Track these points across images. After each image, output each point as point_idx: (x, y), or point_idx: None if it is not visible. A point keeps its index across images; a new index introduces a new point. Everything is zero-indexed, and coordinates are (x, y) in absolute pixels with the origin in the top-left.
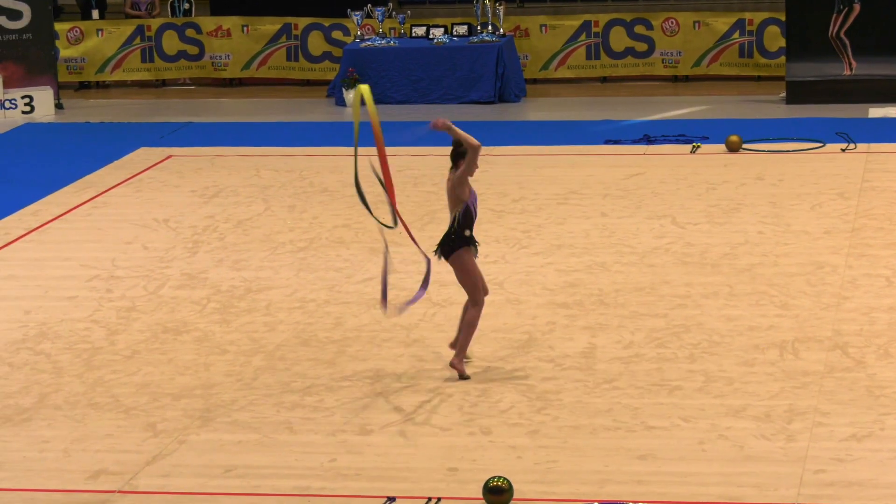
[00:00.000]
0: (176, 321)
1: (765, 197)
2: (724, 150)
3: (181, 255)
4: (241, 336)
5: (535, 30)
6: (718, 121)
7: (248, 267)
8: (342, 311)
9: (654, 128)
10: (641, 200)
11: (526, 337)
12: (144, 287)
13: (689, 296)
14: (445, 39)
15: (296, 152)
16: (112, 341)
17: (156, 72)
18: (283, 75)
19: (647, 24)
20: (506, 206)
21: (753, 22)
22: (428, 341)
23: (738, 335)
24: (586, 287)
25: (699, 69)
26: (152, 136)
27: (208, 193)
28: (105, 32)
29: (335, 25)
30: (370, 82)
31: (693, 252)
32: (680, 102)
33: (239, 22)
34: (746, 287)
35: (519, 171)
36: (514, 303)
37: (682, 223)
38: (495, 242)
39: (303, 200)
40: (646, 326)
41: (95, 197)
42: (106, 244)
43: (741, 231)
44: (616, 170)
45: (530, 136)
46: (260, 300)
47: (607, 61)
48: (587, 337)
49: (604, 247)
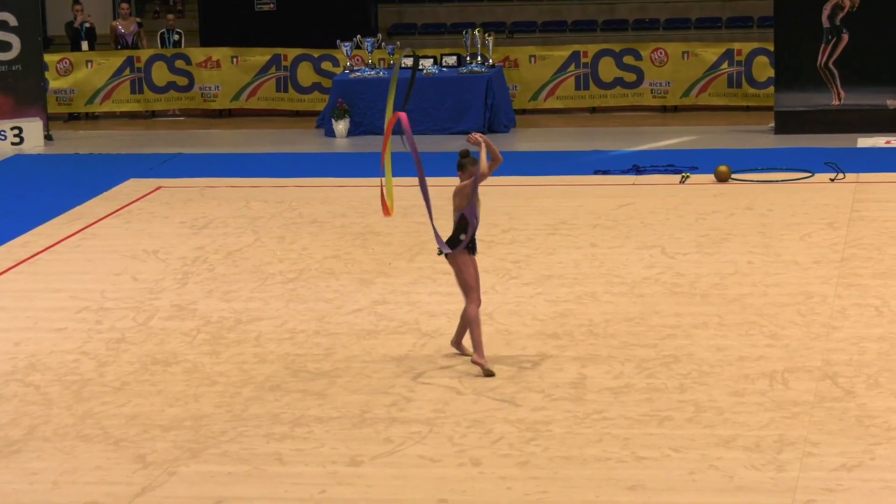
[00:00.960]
0: (165, 352)
1: (754, 227)
2: (713, 181)
3: (171, 286)
4: (231, 367)
5: (525, 60)
6: (707, 151)
7: (237, 298)
8: (332, 341)
9: (644, 158)
10: (631, 231)
11: (516, 368)
12: (134, 318)
13: (678, 326)
14: (435, 70)
15: (285, 183)
16: (101, 373)
17: (145, 103)
18: (273, 106)
19: (636, 55)
20: (496, 236)
21: (742, 52)
22: (418, 372)
23: (728, 365)
24: (576, 317)
25: (688, 99)
26: (142, 168)
27: (198, 224)
28: (94, 64)
29: (324, 56)
30: (360, 113)
31: (683, 282)
32: (669, 133)
33: (228, 53)
34: (736, 317)
35: (508, 201)
36: (504, 333)
37: (672, 253)
38: (485, 273)
39: (292, 231)
40: (636, 357)
41: (85, 228)
42: (95, 275)
43: (731, 261)
44: (606, 200)
45: (520, 167)
46: (250, 331)
47: (596, 92)
48: (577, 367)
49: (593, 277)
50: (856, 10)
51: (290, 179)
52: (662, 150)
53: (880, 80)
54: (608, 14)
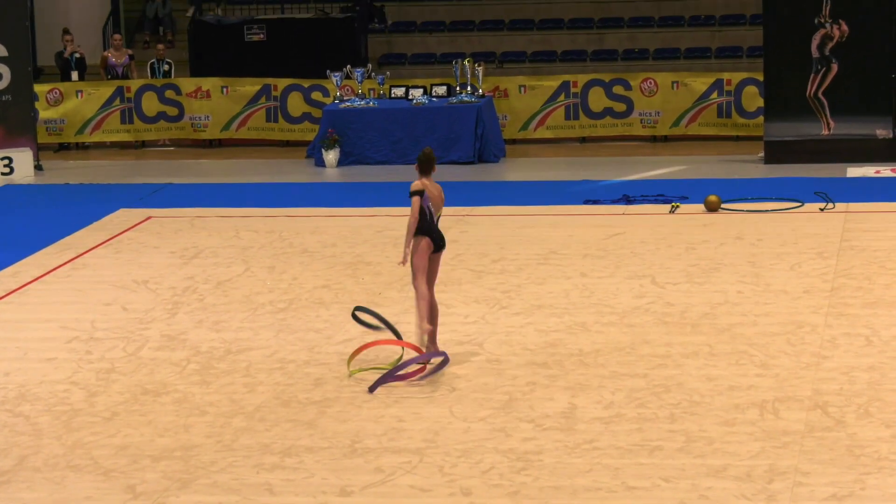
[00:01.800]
0: (155, 382)
1: (744, 256)
2: (703, 210)
3: (161, 316)
4: (221, 397)
5: (514, 90)
6: (697, 181)
7: (227, 328)
8: (322, 371)
9: (634, 188)
10: (621, 260)
11: (506, 397)
12: (124, 348)
13: (669, 355)
14: (425, 100)
15: (276, 213)
16: (91, 403)
17: (135, 133)
18: (263, 136)
19: (626, 85)
20: (486, 266)
21: (731, 82)
22: (408, 402)
23: (719, 395)
24: (566, 347)
25: (678, 129)
26: (132, 198)
27: (188, 254)
28: (85, 94)
29: (315, 86)
30: (350, 143)
31: (673, 312)
32: (659, 162)
33: (218, 83)
34: (726, 347)
35: (499, 231)
36: (495, 363)
37: (662, 283)
38: (475, 303)
39: (283, 261)
40: (626, 386)
41: (75, 258)
42: (85, 305)
43: (721, 291)
44: (596, 230)
45: (510, 197)
46: (240, 361)
47: (586, 121)
48: (567, 397)
49: (584, 307)
50: (845, 40)
51: (281, 209)
52: (652, 179)
53: (869, 110)
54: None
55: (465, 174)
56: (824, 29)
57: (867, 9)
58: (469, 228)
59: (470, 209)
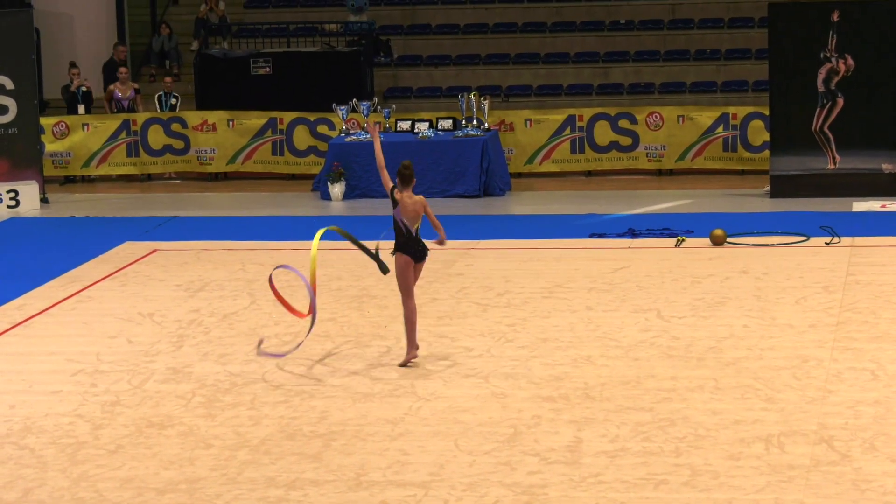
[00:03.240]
0: (160, 415)
1: (750, 291)
2: (708, 244)
3: (166, 349)
4: (226, 430)
5: (520, 124)
6: (703, 214)
7: (233, 361)
8: (327, 404)
9: (639, 221)
10: (626, 294)
11: (511, 430)
12: (129, 381)
13: (674, 389)
14: (430, 134)
15: (281, 246)
16: (96, 436)
17: (141, 166)
18: (269, 169)
19: (632, 119)
20: (491, 299)
21: (737, 116)
22: (414, 435)
23: (724, 429)
24: (572, 380)
25: (683, 163)
26: (137, 231)
27: (193, 287)
28: (91, 127)
29: (320, 120)
30: (355, 176)
31: (678, 345)
32: (664, 196)
33: (224, 116)
34: (732, 380)
35: (504, 264)
36: (500, 396)
37: (668, 317)
38: (480, 336)
39: (288, 295)
40: (631, 420)
41: (80, 291)
42: (91, 338)
43: (726, 325)
44: (601, 263)
45: (515, 230)
46: (245, 394)
47: (592, 155)
48: (573, 431)
49: (589, 340)
50: (850, 74)
51: (286, 242)
52: (658, 213)
53: (875, 145)
54: (603, 78)
55: (471, 208)
56: (830, 63)
57: (873, 43)
58: (474, 262)
59: (475, 243)
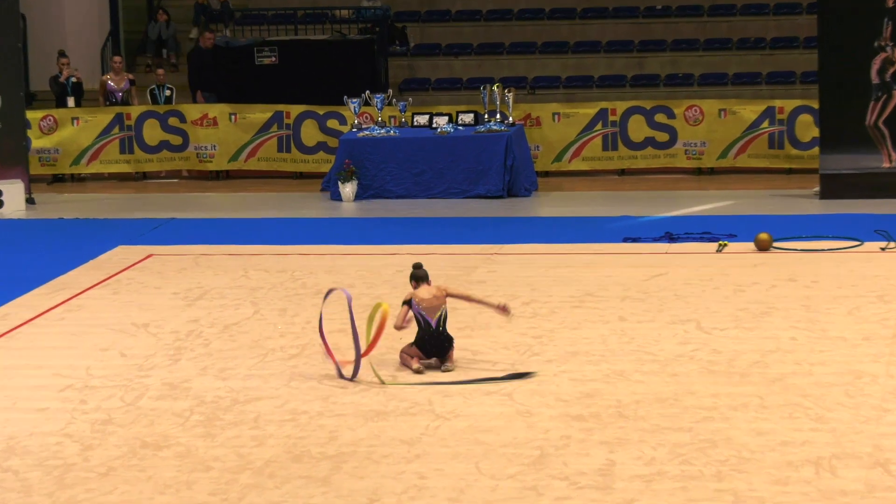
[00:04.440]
0: (156, 435)
1: (798, 300)
2: (752, 249)
3: (162, 362)
4: (227, 451)
5: (548, 118)
6: (746, 217)
7: (234, 376)
8: (337, 423)
9: (677, 224)
10: (663, 304)
11: (538, 452)
12: (122, 398)
13: (715, 408)
14: (450, 129)
15: (288, 251)
16: (86, 457)
17: (136, 164)
18: (274, 167)
19: (669, 113)
20: (515, 309)
21: (784, 110)
22: (431, 457)
23: (770, 451)
24: (604, 398)
25: (725, 161)
26: (131, 234)
27: (192, 296)
28: (81, 121)
29: (330, 114)
30: (368, 175)
31: (720, 360)
32: (705, 197)
33: (226, 110)
34: (778, 398)
35: (529, 271)
36: (525, 415)
37: (708, 328)
38: (504, 349)
39: (295, 303)
40: (669, 441)
41: (69, 299)
42: (80, 351)
43: (772, 337)
44: (635, 270)
45: (542, 234)
46: (248, 412)
47: (625, 152)
48: (605, 452)
49: (622, 354)
50: None
51: (293, 247)
52: (697, 215)
53: None
54: (637, 69)
55: (494, 209)
56: (885, 53)
57: None
58: (498, 268)
59: (498, 247)
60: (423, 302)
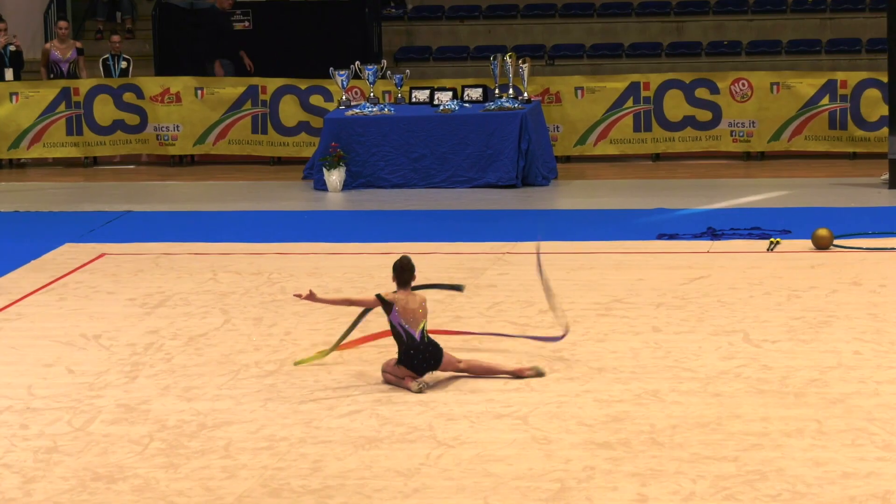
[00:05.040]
0: (109, 465)
1: (863, 307)
2: (810, 248)
3: (116, 380)
4: (193, 484)
5: (569, 94)
6: (803, 210)
7: (201, 396)
8: (322, 452)
9: (721, 219)
10: (704, 312)
11: (557, 486)
12: (69, 422)
13: (766, 433)
14: (454, 106)
15: (264, 250)
16: (27, 491)
17: (85, 147)
18: (248, 151)
19: (712, 87)
20: (531, 317)
21: (847, 84)
22: (433, 491)
23: (830, 484)
24: (634, 422)
25: (778, 144)
26: (80, 230)
27: (151, 302)
28: (21, 97)
29: (314, 88)
30: (358, 161)
31: (771, 378)
32: (753, 186)
33: (191, 84)
34: (839, 422)
35: (548, 273)
36: (542, 442)
37: (757, 341)
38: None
39: (272, 311)
40: (711, 472)
41: (7, 306)
42: (20, 367)
43: (833, 351)
44: (672, 272)
45: (562, 230)
46: (217, 439)
47: (661, 134)
48: (636, 486)
49: (656, 370)
50: None
51: (270, 245)
52: (745, 208)
53: None
54: (675, 35)
55: (506, 200)
56: None
57: None
58: (510, 270)
59: (511, 245)
60: (408, 313)
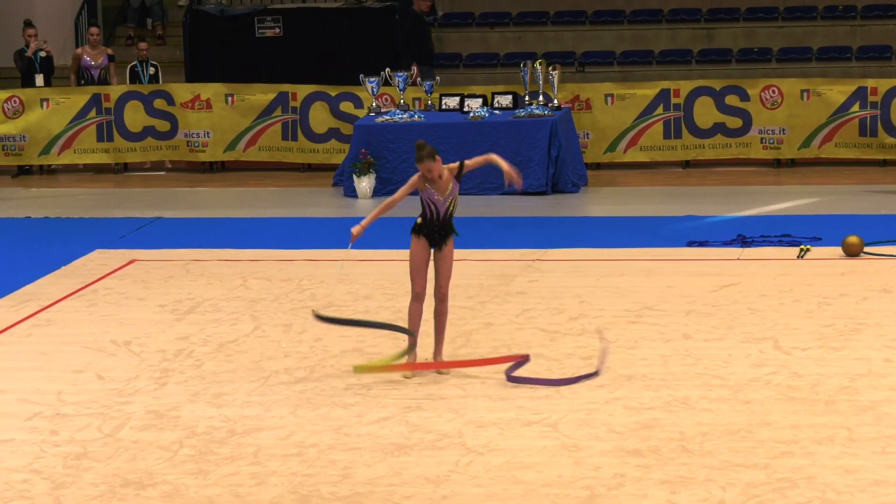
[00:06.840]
0: (139, 472)
1: (893, 314)
2: (840, 255)
3: (146, 386)
4: (222, 491)
5: (599, 101)
6: (833, 217)
7: (231, 403)
8: (351, 459)
9: (751, 226)
10: (735, 319)
11: (587, 493)
12: (99, 428)
13: (796, 441)
14: (484, 113)
15: (293, 256)
16: (57, 498)
17: (115, 153)
18: (278, 158)
19: (742, 94)
20: (561, 324)
21: (878, 91)
22: (462, 499)
23: (860, 492)
24: (664, 429)
25: (808, 151)
26: (111, 236)
27: (181, 309)
28: (52, 103)
29: (344, 95)
30: (388, 168)
31: (801, 385)
32: (784, 193)
33: (222, 90)
34: (870, 430)
35: (578, 281)
36: (572, 449)
37: (788, 348)
38: (549, 373)
39: (302, 318)
40: (741, 480)
41: (38, 312)
42: (51, 373)
43: (863, 358)
44: (702, 280)
45: (592, 237)
46: (246, 445)
47: (691, 141)
48: (665, 494)
49: (686, 378)
50: None
51: (300, 251)
52: (775, 215)
53: None
54: (706, 42)
55: (536, 207)
56: None
57: None
58: (540, 277)
59: (541, 252)
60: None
